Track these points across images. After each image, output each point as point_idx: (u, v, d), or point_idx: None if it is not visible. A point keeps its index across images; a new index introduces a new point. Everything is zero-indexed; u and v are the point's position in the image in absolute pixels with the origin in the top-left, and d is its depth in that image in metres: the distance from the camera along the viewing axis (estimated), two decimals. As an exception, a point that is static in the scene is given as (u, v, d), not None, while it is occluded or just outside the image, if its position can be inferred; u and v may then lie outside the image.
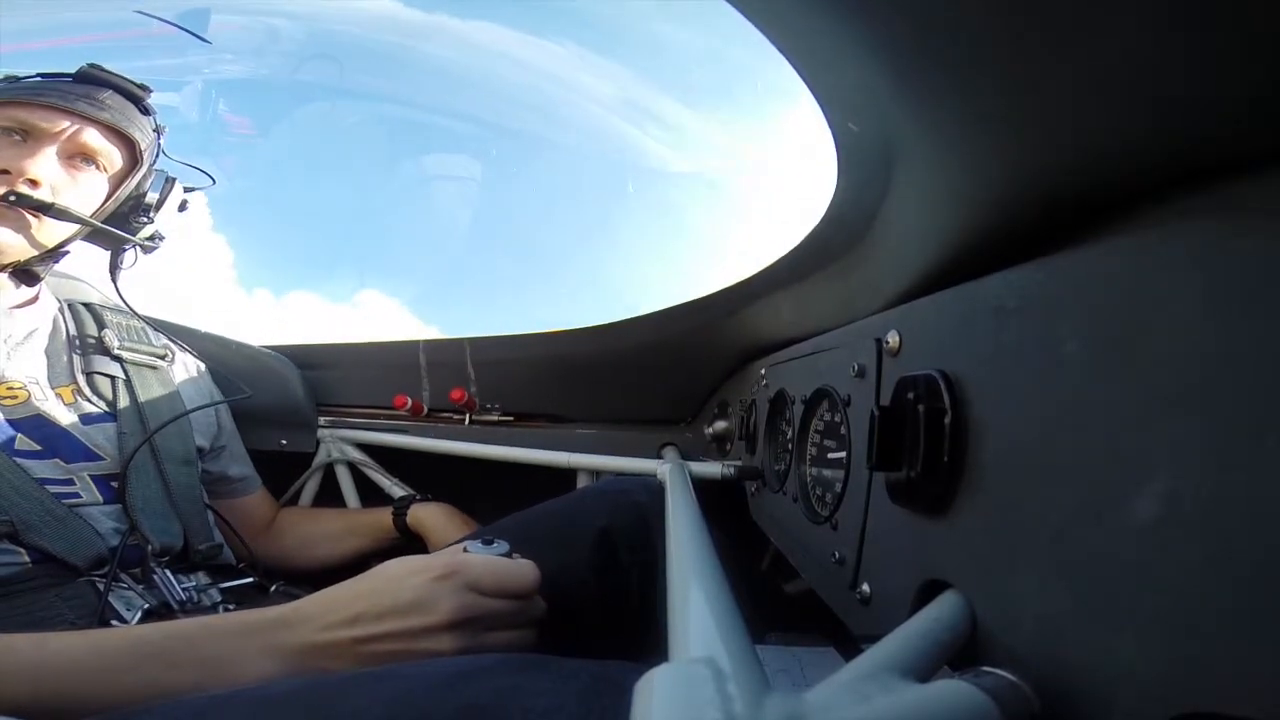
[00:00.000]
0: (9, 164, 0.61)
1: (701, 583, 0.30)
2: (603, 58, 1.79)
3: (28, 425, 0.61)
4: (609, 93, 1.84)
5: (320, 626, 0.42)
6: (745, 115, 1.60)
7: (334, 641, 0.42)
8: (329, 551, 0.92)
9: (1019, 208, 0.31)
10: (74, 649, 0.40)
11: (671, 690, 0.19)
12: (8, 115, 0.62)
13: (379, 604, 0.43)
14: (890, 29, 0.27)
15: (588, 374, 1.01)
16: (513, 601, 0.46)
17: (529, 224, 2.42)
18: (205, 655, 0.41)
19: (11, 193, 0.61)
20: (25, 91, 0.62)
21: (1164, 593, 0.19)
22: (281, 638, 0.42)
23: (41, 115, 0.62)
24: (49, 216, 0.64)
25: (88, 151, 0.66)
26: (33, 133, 0.63)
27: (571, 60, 1.80)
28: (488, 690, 0.31)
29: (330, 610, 0.43)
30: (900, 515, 0.36)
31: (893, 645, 0.24)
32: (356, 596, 0.44)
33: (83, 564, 0.57)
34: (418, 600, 0.43)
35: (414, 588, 0.43)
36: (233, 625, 0.43)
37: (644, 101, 1.83)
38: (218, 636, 0.42)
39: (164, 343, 0.81)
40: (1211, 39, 0.18)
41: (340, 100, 1.87)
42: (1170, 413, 0.20)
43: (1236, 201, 0.20)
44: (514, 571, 0.46)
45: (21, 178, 0.61)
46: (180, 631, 0.43)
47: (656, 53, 1.69)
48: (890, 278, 0.45)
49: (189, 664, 0.40)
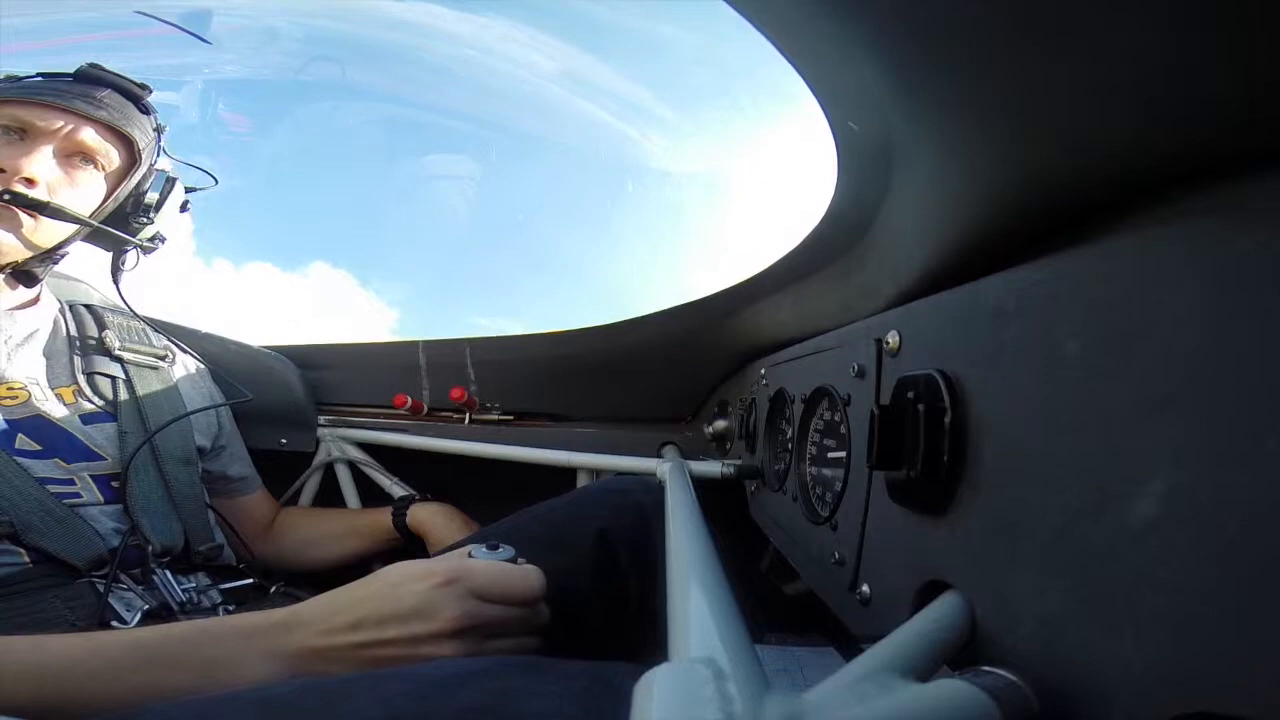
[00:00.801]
0: (5, 162, 0.61)
1: (701, 583, 0.30)
2: (602, 57, 1.79)
3: (28, 425, 0.61)
4: (607, 93, 1.84)
5: (321, 631, 0.42)
6: (745, 115, 1.60)
7: (334, 646, 0.42)
8: (329, 552, 0.92)
9: (1019, 208, 0.31)
10: (73, 650, 0.40)
11: (671, 690, 0.19)
12: (6, 114, 0.62)
13: (380, 609, 0.43)
14: (890, 29, 0.27)
15: (588, 373, 1.01)
16: (516, 609, 0.46)
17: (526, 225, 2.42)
18: (206, 657, 0.41)
19: (6, 191, 0.60)
20: (23, 90, 0.62)
21: (1164, 592, 0.19)
22: (282, 641, 0.42)
23: (39, 114, 0.62)
24: (45, 216, 0.63)
25: (85, 150, 0.65)
26: (30, 131, 0.62)
27: (569, 60, 1.80)
28: (486, 692, 0.31)
29: (331, 614, 0.43)
30: (900, 515, 0.36)
31: (892, 645, 0.24)
32: (358, 601, 0.44)
33: (83, 564, 0.57)
34: (420, 606, 0.42)
35: (416, 594, 0.43)
36: (233, 628, 0.43)
37: (643, 101, 1.83)
38: (218, 639, 0.42)
39: (164, 343, 0.81)
40: (1211, 39, 0.18)
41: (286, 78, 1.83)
42: (1169, 412, 0.20)
43: (1236, 201, 0.20)
44: (517, 578, 0.46)
45: (17, 176, 0.61)
46: (180, 634, 0.43)
47: (656, 53, 1.69)
48: (890, 278, 0.45)
49: (190, 666, 0.40)
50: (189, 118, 1.63)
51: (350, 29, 1.82)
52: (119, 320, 0.78)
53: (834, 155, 0.42)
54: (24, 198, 0.61)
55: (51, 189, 0.63)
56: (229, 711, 0.32)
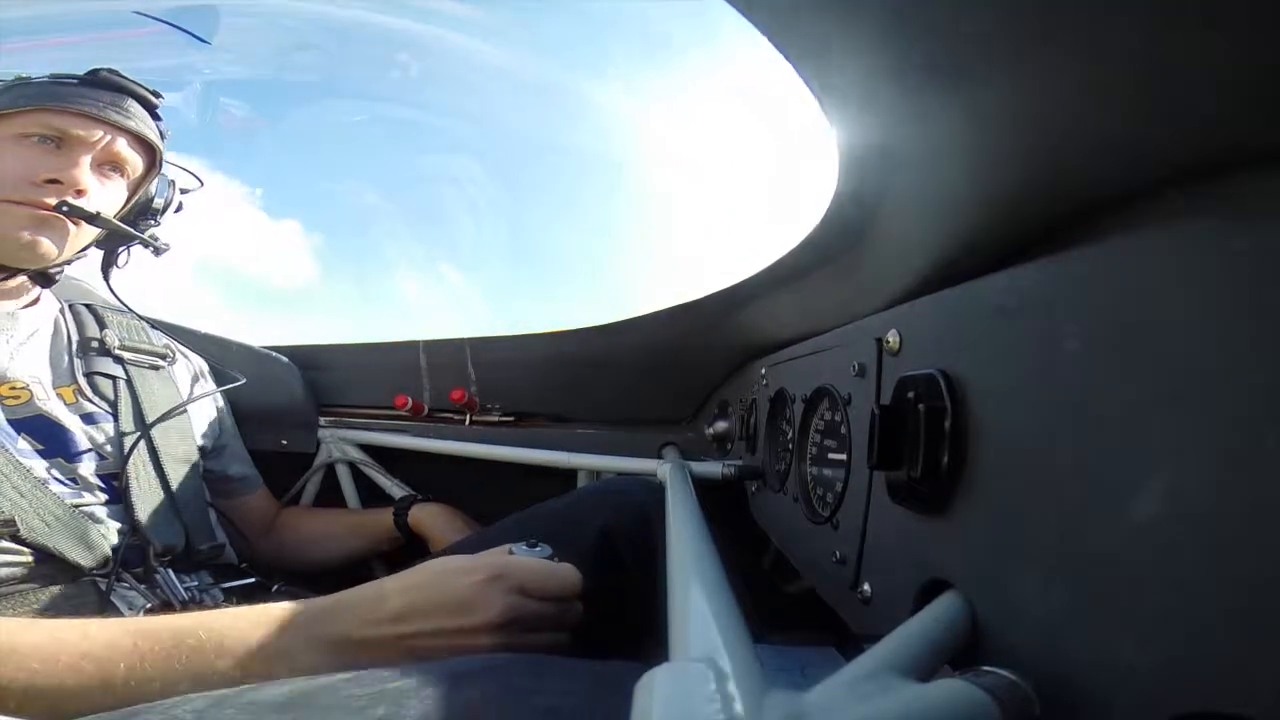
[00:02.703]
0: (58, 173, 0.62)
1: (701, 583, 0.30)
2: (601, 57, 1.79)
3: (31, 425, 0.61)
4: (605, 92, 1.84)
5: (366, 620, 0.43)
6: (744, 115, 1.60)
7: (379, 637, 0.43)
8: (330, 551, 0.93)
9: (1019, 208, 0.31)
10: (120, 638, 0.40)
11: (672, 690, 0.19)
12: (41, 121, 0.62)
13: (426, 601, 0.44)
14: (890, 29, 0.27)
15: (588, 374, 1.01)
16: (554, 604, 0.47)
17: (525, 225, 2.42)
18: (248, 646, 0.41)
19: (64, 203, 0.62)
20: (57, 98, 0.63)
21: (1164, 592, 0.19)
22: (326, 630, 0.42)
23: (78, 123, 0.64)
24: (94, 226, 0.66)
25: (118, 160, 0.67)
26: (67, 140, 0.64)
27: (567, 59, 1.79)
28: (492, 689, 0.32)
29: (376, 604, 0.44)
30: (901, 515, 0.36)
31: (893, 645, 0.24)
32: (403, 590, 0.45)
33: (85, 564, 0.58)
34: (466, 600, 0.44)
35: (465, 587, 0.44)
36: (275, 617, 0.43)
37: (643, 102, 1.83)
38: (261, 626, 0.42)
39: (165, 342, 0.82)
40: (1211, 38, 0.18)
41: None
42: (1170, 412, 0.20)
43: (1235, 201, 0.20)
44: (560, 575, 0.48)
45: (73, 188, 0.63)
46: (220, 622, 0.42)
47: (655, 54, 1.69)
48: (890, 278, 0.45)
49: (232, 653, 0.40)
50: (188, 119, 1.62)
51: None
52: (119, 319, 0.78)
53: (834, 155, 0.42)
54: (80, 210, 0.63)
55: (92, 198, 0.65)
56: (228, 710, 0.32)
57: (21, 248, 0.63)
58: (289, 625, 0.42)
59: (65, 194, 0.63)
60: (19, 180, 0.61)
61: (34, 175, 0.62)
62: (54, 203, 0.62)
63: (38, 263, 0.66)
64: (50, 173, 0.62)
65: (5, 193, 0.61)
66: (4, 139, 0.62)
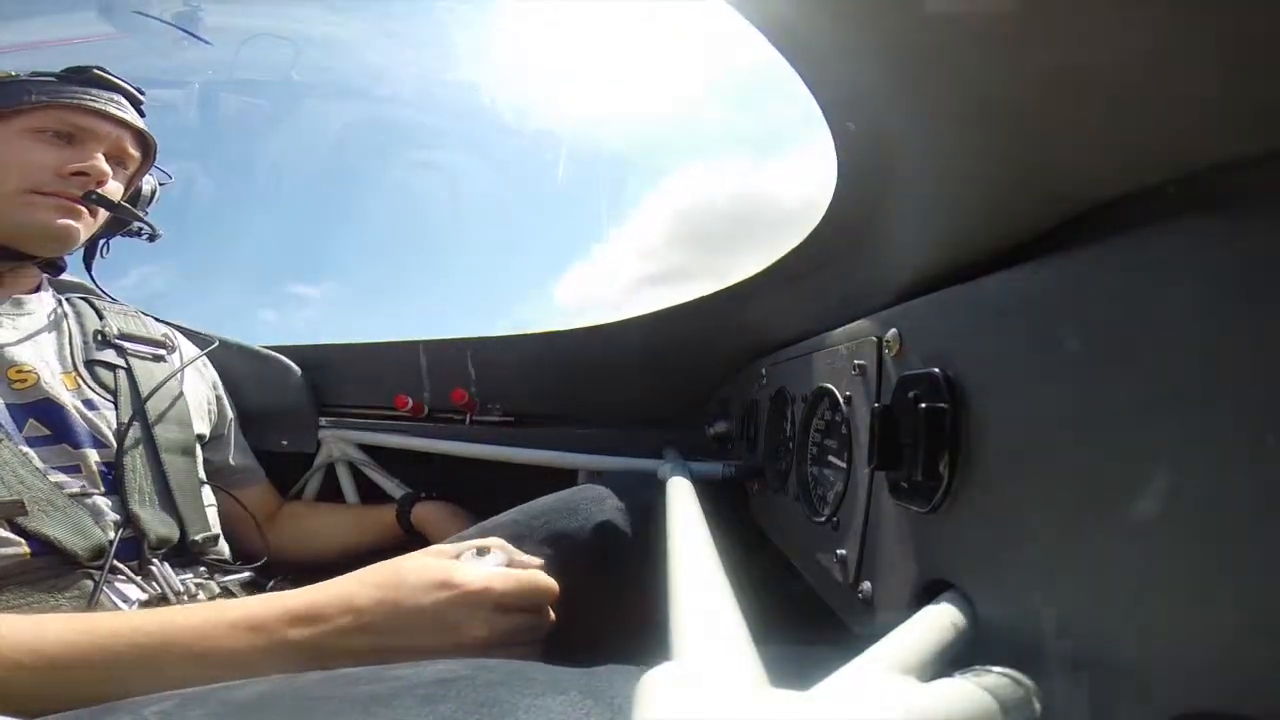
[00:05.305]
0: (85, 166, 0.66)
1: (701, 583, 0.30)
2: (599, 57, 1.79)
3: (38, 409, 0.62)
4: (604, 92, 1.84)
5: (339, 629, 0.42)
6: (744, 115, 1.60)
7: (350, 647, 0.42)
8: (331, 545, 0.93)
9: (1019, 207, 0.31)
10: (62, 629, 0.40)
11: (671, 690, 0.19)
12: (57, 117, 0.66)
13: (404, 618, 0.43)
14: (889, 29, 0.27)
15: (588, 374, 1.01)
16: (532, 617, 0.47)
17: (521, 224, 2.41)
18: (216, 650, 0.40)
19: (92, 193, 0.67)
20: (71, 95, 0.67)
21: (1165, 591, 0.19)
22: (296, 637, 0.42)
23: (92, 120, 0.68)
24: (116, 214, 0.72)
25: (124, 155, 0.72)
26: (79, 135, 0.67)
27: (566, 58, 1.80)
28: (468, 703, 0.31)
29: (347, 611, 0.43)
30: (901, 513, 0.36)
31: (894, 644, 0.24)
32: (378, 600, 0.44)
33: (82, 553, 0.57)
34: (445, 620, 0.43)
35: (440, 605, 0.44)
36: (244, 618, 0.42)
37: (643, 101, 1.83)
38: (227, 632, 0.42)
39: (164, 330, 0.82)
40: (1211, 38, 0.18)
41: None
42: (1170, 412, 0.20)
43: (1235, 201, 0.20)
44: (536, 586, 0.48)
45: (97, 179, 0.67)
46: (187, 624, 0.42)
47: (654, 54, 1.69)
48: (890, 278, 0.45)
49: (199, 659, 0.40)
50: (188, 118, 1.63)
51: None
52: (117, 309, 0.78)
53: (834, 155, 0.42)
54: (106, 199, 0.69)
55: (109, 189, 0.70)
56: (198, 710, 0.31)
57: (52, 236, 0.67)
58: (256, 630, 0.42)
59: (90, 185, 0.67)
60: (44, 172, 0.65)
61: (60, 168, 0.65)
62: (80, 193, 0.67)
63: (64, 249, 0.71)
64: (76, 165, 0.66)
65: (32, 184, 0.65)
66: (17, 134, 0.65)
